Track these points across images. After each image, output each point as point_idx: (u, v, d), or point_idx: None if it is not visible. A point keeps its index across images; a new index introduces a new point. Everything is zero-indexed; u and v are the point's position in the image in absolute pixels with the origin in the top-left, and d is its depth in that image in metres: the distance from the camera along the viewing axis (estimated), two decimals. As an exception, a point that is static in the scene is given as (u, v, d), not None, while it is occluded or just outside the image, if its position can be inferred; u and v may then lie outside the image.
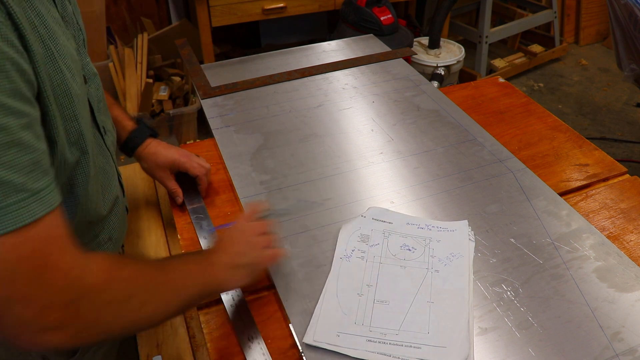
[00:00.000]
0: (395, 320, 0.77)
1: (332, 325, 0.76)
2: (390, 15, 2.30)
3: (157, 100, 2.49)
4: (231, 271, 0.75)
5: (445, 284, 0.82)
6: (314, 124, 1.20)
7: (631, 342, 0.74)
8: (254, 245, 0.78)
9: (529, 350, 0.73)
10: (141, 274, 0.65)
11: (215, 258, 0.75)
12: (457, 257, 0.86)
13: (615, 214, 0.98)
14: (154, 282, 0.65)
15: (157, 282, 0.66)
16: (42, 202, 0.54)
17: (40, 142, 0.56)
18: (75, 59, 0.68)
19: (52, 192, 0.56)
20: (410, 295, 0.80)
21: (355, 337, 0.74)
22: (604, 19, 3.64)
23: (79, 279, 0.56)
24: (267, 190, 1.01)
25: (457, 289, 0.81)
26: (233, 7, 2.32)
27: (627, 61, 2.14)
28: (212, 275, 0.73)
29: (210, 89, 1.31)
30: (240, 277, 0.75)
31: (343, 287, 0.81)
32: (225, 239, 0.79)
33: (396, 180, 1.04)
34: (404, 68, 1.43)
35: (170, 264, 0.71)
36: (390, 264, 0.85)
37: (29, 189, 0.53)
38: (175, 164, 0.99)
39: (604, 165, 1.10)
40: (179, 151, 1.00)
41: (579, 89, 3.20)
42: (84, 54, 0.78)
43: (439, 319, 0.77)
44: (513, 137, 1.18)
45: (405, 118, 1.22)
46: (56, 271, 0.54)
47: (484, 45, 3.01)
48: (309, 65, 1.44)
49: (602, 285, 0.82)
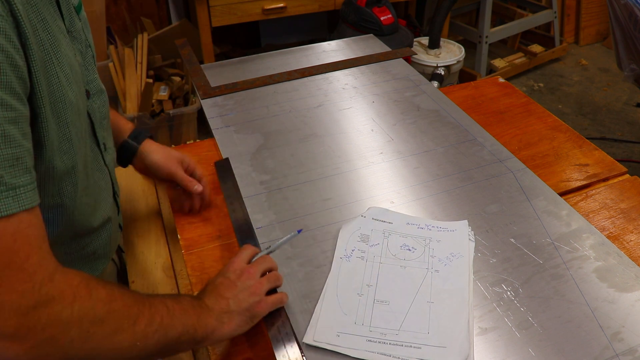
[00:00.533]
0: (395, 320, 0.77)
1: (332, 325, 0.76)
2: (390, 15, 2.30)
3: (157, 100, 2.49)
4: (226, 317, 0.69)
5: (445, 283, 0.82)
6: (314, 124, 1.20)
7: (631, 342, 0.74)
8: (252, 292, 0.72)
9: (529, 350, 0.73)
10: (120, 299, 0.59)
11: (209, 302, 0.69)
12: (457, 257, 0.86)
13: (615, 214, 0.98)
14: (132, 312, 0.59)
15: (136, 312, 0.60)
16: (18, 198, 0.52)
17: (26, 140, 0.55)
18: (76, 70, 0.68)
19: (30, 191, 0.54)
20: (410, 295, 0.80)
21: (355, 337, 0.74)
22: (604, 19, 3.64)
23: (44, 284, 0.52)
24: (267, 190, 1.01)
25: (457, 289, 0.81)
26: (233, 7, 2.32)
27: (627, 61, 2.14)
28: (202, 319, 0.67)
29: (210, 89, 1.31)
30: (235, 325, 0.70)
31: (343, 287, 0.81)
32: (219, 283, 0.73)
33: (396, 180, 1.04)
34: (404, 68, 1.43)
35: (157, 299, 0.64)
36: (390, 264, 0.85)
37: (6, 182, 0.51)
38: (184, 161, 0.96)
39: (604, 165, 1.10)
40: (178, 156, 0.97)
41: (579, 89, 3.20)
42: (92, 70, 0.78)
43: (439, 318, 0.77)
44: (513, 137, 1.18)
45: (405, 118, 1.22)
46: (20, 271, 0.51)
47: (484, 45, 3.01)
48: (309, 65, 1.44)
49: (602, 285, 0.82)
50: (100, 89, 0.81)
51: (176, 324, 0.64)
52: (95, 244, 0.81)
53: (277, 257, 0.86)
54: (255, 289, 0.73)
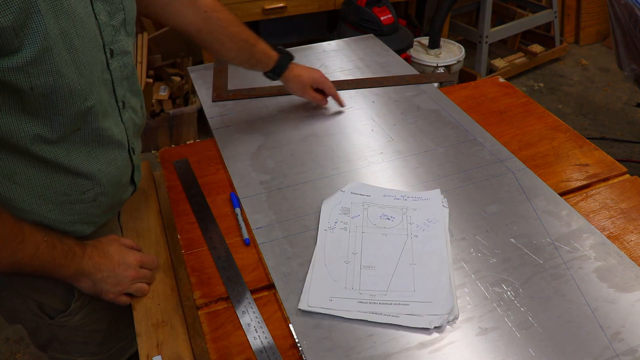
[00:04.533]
0: (382, 282, 0.82)
1: (324, 291, 0.80)
2: (390, 15, 2.30)
3: (157, 100, 2.49)
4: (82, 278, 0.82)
5: (425, 246, 0.88)
6: (314, 124, 1.20)
7: (631, 342, 0.74)
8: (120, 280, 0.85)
9: (529, 350, 0.73)
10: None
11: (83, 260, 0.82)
12: (433, 222, 0.92)
13: (615, 214, 0.98)
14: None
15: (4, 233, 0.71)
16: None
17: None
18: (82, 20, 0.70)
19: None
20: (393, 260, 0.86)
21: (347, 300, 0.79)
22: (604, 19, 3.64)
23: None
24: (267, 190, 1.01)
25: (436, 251, 0.87)
26: (233, 7, 2.32)
27: (628, 61, 2.14)
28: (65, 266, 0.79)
29: (225, 92, 1.30)
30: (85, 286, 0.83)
31: (330, 257, 0.86)
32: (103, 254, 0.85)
33: (396, 180, 1.04)
34: (404, 68, 1.43)
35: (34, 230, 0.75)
36: (372, 232, 0.91)
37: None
38: (316, 82, 1.19)
39: (604, 165, 1.09)
40: (316, 71, 1.20)
41: (579, 89, 3.20)
42: (120, 32, 0.81)
43: (422, 278, 0.82)
44: (513, 137, 1.18)
45: (406, 118, 1.22)
46: None
47: (484, 45, 3.01)
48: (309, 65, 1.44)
49: (602, 285, 0.82)
50: (126, 50, 0.83)
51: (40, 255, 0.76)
52: (97, 191, 0.85)
53: (277, 257, 0.87)
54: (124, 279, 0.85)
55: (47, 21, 0.63)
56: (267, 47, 1.12)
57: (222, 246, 0.91)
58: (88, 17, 0.71)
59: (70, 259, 0.80)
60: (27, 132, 0.70)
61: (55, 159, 0.76)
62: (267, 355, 0.74)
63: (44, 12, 0.62)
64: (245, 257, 0.89)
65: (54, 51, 0.65)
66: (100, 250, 0.85)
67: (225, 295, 0.83)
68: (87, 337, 0.98)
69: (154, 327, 0.84)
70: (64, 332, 0.96)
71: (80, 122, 0.76)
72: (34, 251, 0.75)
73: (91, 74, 0.73)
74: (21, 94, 0.66)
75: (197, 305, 0.82)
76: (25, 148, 0.72)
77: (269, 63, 1.13)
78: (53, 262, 0.78)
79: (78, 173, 0.80)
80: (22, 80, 0.64)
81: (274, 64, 1.14)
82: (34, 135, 0.71)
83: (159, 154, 1.15)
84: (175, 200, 1.02)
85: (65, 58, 0.67)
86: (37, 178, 0.76)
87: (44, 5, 0.62)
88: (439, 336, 0.75)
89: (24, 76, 0.64)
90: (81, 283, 0.83)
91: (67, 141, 0.76)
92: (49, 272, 0.79)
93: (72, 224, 0.84)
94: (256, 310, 0.80)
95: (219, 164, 1.11)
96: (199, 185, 1.05)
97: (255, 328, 0.77)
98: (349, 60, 1.48)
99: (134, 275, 0.86)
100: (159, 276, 0.92)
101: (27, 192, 0.77)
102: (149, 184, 1.13)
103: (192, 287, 0.85)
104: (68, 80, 0.69)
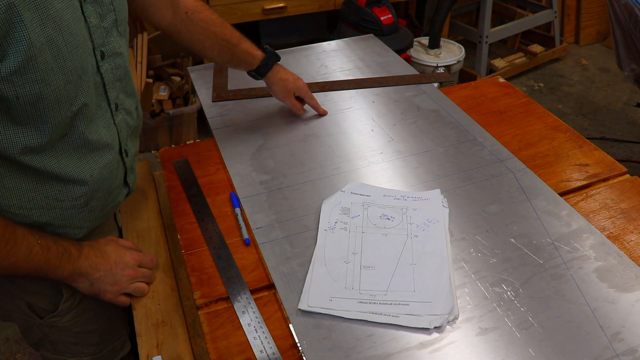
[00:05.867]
0: (383, 282, 0.82)
1: (324, 291, 0.80)
2: (390, 15, 2.30)
3: (157, 100, 2.49)
4: (80, 278, 0.83)
5: (425, 247, 0.88)
6: (314, 124, 1.20)
7: (631, 342, 0.74)
8: (118, 279, 0.85)
9: (529, 350, 0.73)
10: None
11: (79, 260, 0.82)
12: (433, 222, 0.92)
13: (615, 214, 0.98)
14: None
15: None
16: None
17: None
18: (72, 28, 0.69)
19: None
20: (393, 260, 0.85)
21: (347, 300, 0.79)
22: (604, 19, 3.64)
23: None
24: (267, 190, 1.01)
25: (437, 251, 0.87)
26: (233, 7, 2.32)
27: (628, 61, 2.14)
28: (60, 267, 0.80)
29: (225, 92, 1.30)
30: (83, 286, 0.84)
31: (330, 257, 0.86)
32: (100, 254, 0.85)
33: (396, 180, 1.04)
34: (404, 68, 1.43)
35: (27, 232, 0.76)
36: (372, 232, 0.91)
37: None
38: (299, 91, 1.18)
39: (604, 165, 1.09)
40: (301, 80, 1.19)
41: (579, 89, 3.20)
42: (111, 34, 0.81)
43: (422, 278, 0.82)
44: (513, 137, 1.18)
45: (406, 118, 1.22)
46: None
47: (484, 45, 3.01)
48: (309, 65, 1.44)
49: (602, 285, 0.82)
50: (117, 52, 0.83)
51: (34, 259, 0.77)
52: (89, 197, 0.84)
53: (277, 257, 0.87)
54: (122, 278, 0.85)
55: (32, 30, 0.62)
56: (251, 47, 1.13)
57: (222, 246, 0.91)
58: (77, 22, 0.71)
59: (65, 260, 0.80)
60: (16, 143, 0.70)
61: (44, 167, 0.75)
62: (267, 355, 0.74)
63: (27, 22, 0.62)
64: (245, 257, 0.89)
65: (39, 60, 0.65)
66: (97, 250, 0.85)
67: (225, 295, 0.83)
68: (78, 337, 0.98)
69: (154, 327, 0.84)
70: (54, 332, 0.95)
71: (66, 128, 0.75)
72: (27, 254, 0.75)
73: (79, 79, 0.72)
74: (7, 104, 0.66)
75: (197, 305, 0.82)
76: (14, 158, 0.72)
77: (253, 62, 1.13)
78: (48, 263, 0.78)
79: (69, 179, 0.79)
80: (7, 89, 0.64)
81: (258, 63, 1.13)
82: (22, 146, 0.71)
83: (159, 154, 1.16)
84: (175, 200, 1.02)
85: (51, 66, 0.67)
86: (27, 186, 0.76)
87: (28, 15, 0.62)
88: (439, 336, 0.75)
89: (9, 86, 0.64)
90: (79, 283, 0.83)
91: (56, 148, 0.75)
92: (44, 274, 0.79)
93: (64, 227, 0.84)
94: (256, 310, 0.80)
95: (219, 164, 1.11)
96: (199, 185, 1.05)
97: (255, 328, 0.78)
98: (349, 60, 1.48)
99: (132, 274, 0.86)
100: (159, 276, 0.92)
101: (16, 197, 0.76)
102: (149, 184, 1.13)
103: (192, 287, 0.85)
104: (54, 88, 0.68)
